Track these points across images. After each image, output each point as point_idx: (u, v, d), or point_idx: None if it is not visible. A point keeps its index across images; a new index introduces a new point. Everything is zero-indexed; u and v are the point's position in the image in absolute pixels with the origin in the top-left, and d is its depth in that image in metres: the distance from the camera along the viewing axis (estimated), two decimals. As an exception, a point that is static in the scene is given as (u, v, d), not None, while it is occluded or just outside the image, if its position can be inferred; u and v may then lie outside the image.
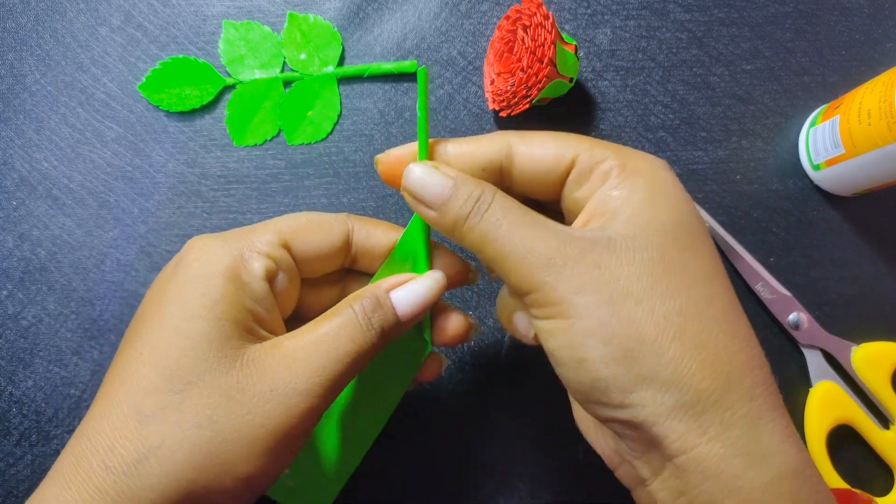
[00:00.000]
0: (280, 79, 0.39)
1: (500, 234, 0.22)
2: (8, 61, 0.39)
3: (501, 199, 0.23)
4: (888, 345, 0.36)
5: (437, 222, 0.24)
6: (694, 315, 0.21)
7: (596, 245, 0.22)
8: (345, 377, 0.24)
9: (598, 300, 0.21)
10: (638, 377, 0.20)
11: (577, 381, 0.22)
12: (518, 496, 0.35)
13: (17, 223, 0.37)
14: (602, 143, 0.24)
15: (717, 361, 0.20)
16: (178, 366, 0.22)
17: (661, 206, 0.22)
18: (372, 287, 0.26)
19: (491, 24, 0.40)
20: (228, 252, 0.25)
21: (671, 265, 0.21)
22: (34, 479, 0.34)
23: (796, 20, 0.40)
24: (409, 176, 0.24)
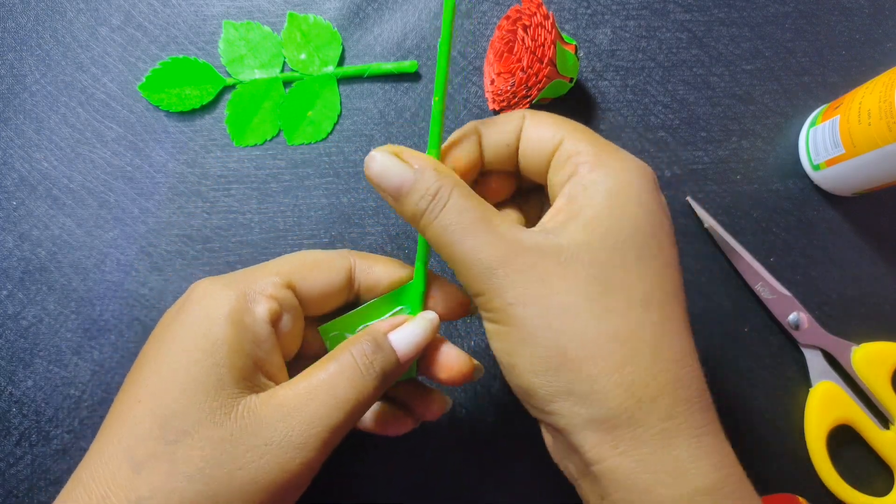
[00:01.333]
0: (280, 79, 0.39)
1: (451, 239, 0.23)
2: (8, 61, 0.39)
3: (457, 199, 0.23)
4: (888, 345, 0.36)
5: (399, 212, 0.25)
6: (622, 337, 0.21)
7: (544, 256, 0.22)
8: (344, 426, 0.24)
9: (532, 313, 0.22)
10: (558, 389, 0.21)
11: (511, 383, 0.23)
12: (517, 496, 0.35)
13: (17, 223, 0.37)
14: (588, 134, 0.25)
15: (635, 383, 0.21)
16: (173, 414, 0.22)
17: (619, 216, 0.23)
18: (369, 331, 0.26)
19: (491, 24, 0.40)
20: (232, 295, 0.24)
21: (611, 285, 0.22)
22: (34, 479, 0.34)
23: (796, 20, 0.40)
24: (370, 164, 0.24)
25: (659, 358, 0.21)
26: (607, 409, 0.21)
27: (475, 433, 0.35)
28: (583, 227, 0.22)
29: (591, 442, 0.21)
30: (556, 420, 0.22)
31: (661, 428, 0.21)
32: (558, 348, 0.21)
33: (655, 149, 0.39)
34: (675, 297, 0.23)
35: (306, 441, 0.22)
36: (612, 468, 0.21)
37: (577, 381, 0.21)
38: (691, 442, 0.21)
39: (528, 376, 0.22)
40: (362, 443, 0.35)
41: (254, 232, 0.37)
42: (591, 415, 0.21)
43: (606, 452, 0.21)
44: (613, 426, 0.21)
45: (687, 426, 0.21)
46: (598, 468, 0.21)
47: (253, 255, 0.37)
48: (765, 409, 0.36)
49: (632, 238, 0.22)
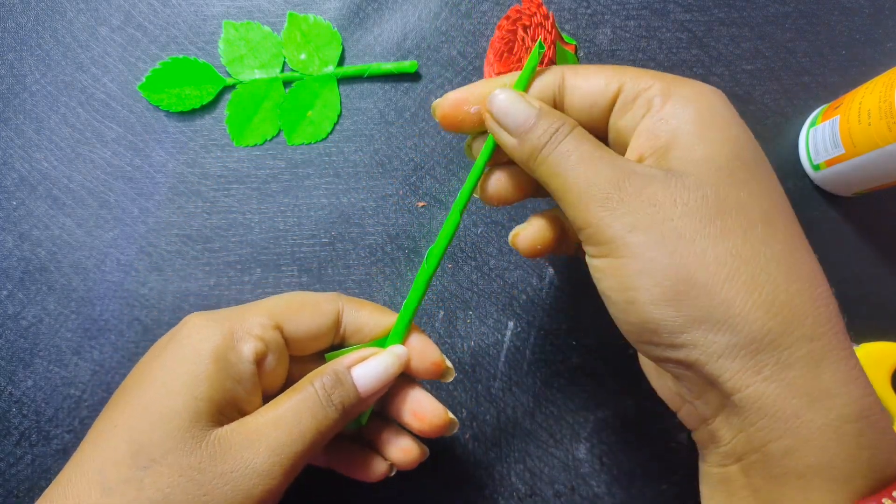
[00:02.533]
0: (280, 79, 0.39)
1: (567, 166, 0.23)
2: (8, 61, 0.39)
3: (577, 133, 0.23)
4: (888, 345, 0.36)
5: (515, 149, 0.24)
6: (749, 256, 0.20)
7: (653, 181, 0.21)
8: (305, 455, 0.24)
9: (650, 240, 0.21)
10: (689, 318, 0.20)
11: (628, 321, 0.22)
12: (517, 496, 0.35)
13: (17, 223, 0.37)
14: (648, 71, 0.24)
15: (774, 302, 0.20)
16: (147, 442, 0.23)
17: (713, 139, 0.22)
18: (333, 364, 0.26)
19: (491, 24, 0.40)
20: (220, 332, 0.25)
21: (726, 204, 0.21)
22: (34, 479, 0.34)
23: (796, 20, 0.40)
24: (494, 101, 0.25)
25: (794, 275, 0.21)
26: (748, 333, 0.20)
27: (475, 431, 0.35)
28: (680, 157, 0.22)
29: (731, 369, 0.20)
30: (688, 353, 0.21)
31: (808, 349, 0.20)
32: (683, 274, 0.20)
33: (655, 149, 0.39)
34: (792, 214, 0.22)
35: (270, 469, 0.23)
36: (756, 395, 0.20)
37: (710, 306, 0.20)
38: (839, 365, 0.20)
39: (651, 309, 0.21)
40: (362, 443, 0.35)
41: (254, 232, 0.37)
42: (730, 341, 0.20)
43: (749, 379, 0.20)
44: (756, 350, 0.20)
45: (832, 346, 0.20)
46: (740, 397, 0.20)
47: (253, 255, 0.37)
48: (765, 409, 0.36)
49: (736, 158, 0.22)
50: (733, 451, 0.21)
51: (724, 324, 0.20)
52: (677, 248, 0.21)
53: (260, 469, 0.23)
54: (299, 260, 0.37)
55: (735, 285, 0.20)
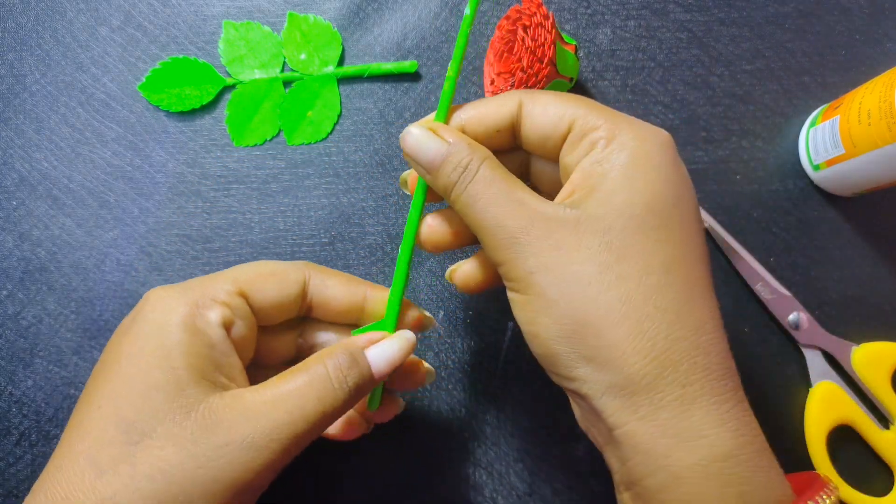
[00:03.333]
0: (280, 79, 0.39)
1: (477, 208, 0.24)
2: (8, 61, 0.39)
3: (486, 171, 0.24)
4: (888, 345, 0.36)
5: (432, 185, 0.26)
6: (638, 304, 0.22)
7: (562, 226, 0.23)
8: (308, 435, 0.24)
9: (552, 281, 0.22)
10: (581, 356, 0.22)
11: (534, 350, 0.24)
12: (517, 495, 0.35)
13: (17, 223, 0.37)
14: (601, 109, 0.25)
15: (653, 349, 0.21)
16: (134, 417, 0.22)
17: (635, 187, 0.23)
18: (345, 344, 0.26)
19: (491, 24, 0.40)
20: (184, 302, 0.25)
21: (628, 252, 0.22)
22: (34, 479, 0.34)
23: (796, 20, 0.40)
24: (407, 138, 0.25)
25: (679, 324, 0.22)
26: (627, 375, 0.21)
27: (474, 430, 0.35)
28: (599, 201, 0.23)
29: (612, 407, 0.22)
30: (579, 386, 0.22)
31: (679, 394, 0.21)
32: (577, 316, 0.22)
33: (655, 149, 0.39)
34: (699, 264, 0.23)
35: (269, 444, 0.23)
36: (631, 433, 0.21)
37: (597, 347, 0.22)
38: (710, 409, 0.21)
39: (550, 344, 0.23)
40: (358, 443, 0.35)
41: (254, 232, 0.37)
42: (612, 381, 0.21)
43: (627, 417, 0.21)
44: (633, 392, 0.21)
45: (705, 392, 0.21)
46: (619, 433, 0.22)
47: (253, 254, 0.37)
48: (765, 409, 0.36)
49: (650, 208, 0.23)
50: (622, 481, 0.23)
51: (609, 364, 0.22)
52: (575, 291, 0.22)
53: (259, 444, 0.22)
54: (299, 260, 0.37)
55: (621, 330, 0.21)
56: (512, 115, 0.26)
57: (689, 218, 0.23)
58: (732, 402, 0.22)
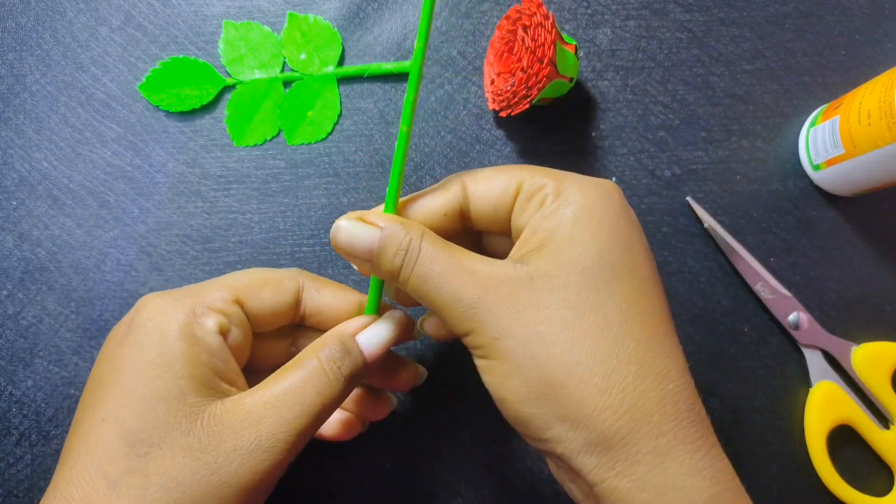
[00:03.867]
0: (280, 79, 0.39)
1: (429, 288, 0.23)
2: (8, 61, 0.39)
3: (428, 248, 0.24)
4: (888, 345, 0.36)
5: (377, 273, 0.25)
6: (603, 357, 0.21)
7: (517, 286, 0.22)
8: (311, 429, 0.24)
9: (515, 345, 0.22)
10: (552, 416, 0.22)
11: (506, 415, 0.24)
12: (517, 495, 0.35)
13: (17, 223, 0.37)
14: (544, 170, 0.25)
15: (623, 403, 0.21)
16: (140, 429, 0.23)
17: (583, 240, 0.23)
18: (334, 333, 0.26)
19: (491, 24, 0.40)
20: (181, 310, 0.25)
21: (585, 306, 0.22)
22: (34, 479, 0.34)
23: (796, 20, 0.40)
24: (337, 234, 0.25)
25: (644, 374, 0.22)
26: (600, 432, 0.21)
27: (474, 430, 0.35)
28: (549, 256, 0.23)
29: (589, 464, 0.21)
30: (553, 447, 0.22)
31: (653, 445, 0.21)
32: (543, 377, 0.22)
33: (655, 149, 0.39)
34: (658, 311, 0.23)
35: (275, 444, 0.23)
36: (611, 489, 0.21)
37: (567, 406, 0.21)
38: (685, 458, 0.21)
39: (519, 407, 0.22)
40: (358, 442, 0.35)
41: (254, 232, 0.37)
42: (586, 438, 0.21)
43: (605, 473, 0.21)
44: (608, 448, 0.21)
45: (678, 442, 0.21)
46: (599, 489, 0.21)
47: (253, 254, 0.37)
48: (765, 409, 0.36)
49: (601, 259, 0.23)
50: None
51: (581, 422, 0.21)
52: (539, 352, 0.22)
53: (265, 446, 0.23)
54: (299, 260, 0.37)
55: (589, 386, 0.21)
56: (457, 197, 0.26)
57: (641, 265, 0.23)
58: (705, 448, 0.22)
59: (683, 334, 0.37)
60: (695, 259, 0.37)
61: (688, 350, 0.36)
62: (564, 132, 0.39)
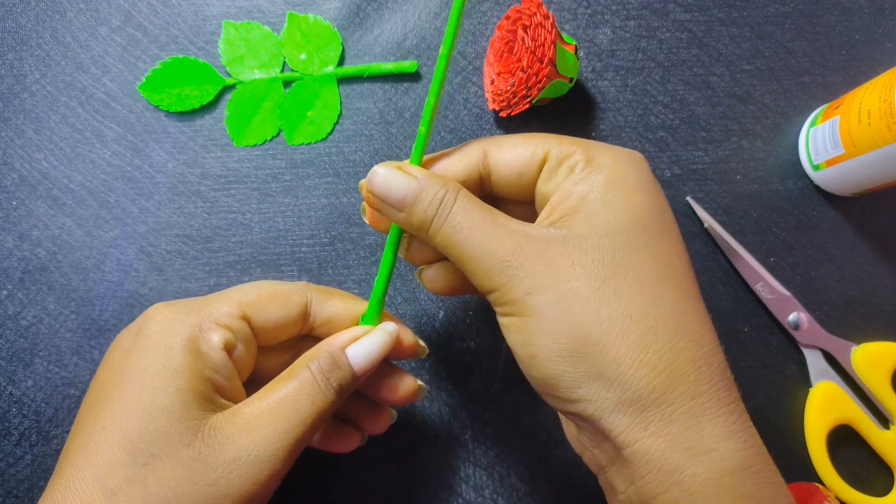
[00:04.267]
0: (280, 79, 0.39)
1: (461, 238, 0.23)
2: (8, 61, 0.39)
3: (463, 201, 0.24)
4: (888, 345, 0.36)
5: (405, 224, 0.25)
6: (639, 316, 0.21)
7: (551, 244, 0.22)
8: (306, 437, 0.24)
9: (548, 300, 0.22)
10: (584, 374, 0.21)
11: (531, 375, 0.23)
12: (517, 496, 0.35)
13: (17, 223, 0.37)
14: (571, 139, 0.25)
15: (660, 361, 0.21)
16: (140, 439, 0.23)
17: (617, 204, 0.23)
18: (325, 345, 0.26)
19: (491, 24, 0.40)
20: (188, 324, 0.25)
21: (620, 266, 0.22)
22: (34, 479, 0.34)
23: (796, 20, 0.40)
24: (374, 178, 0.25)
25: (681, 335, 0.21)
26: (635, 390, 0.21)
27: (475, 431, 0.35)
28: (583, 220, 0.23)
29: (621, 425, 0.21)
30: (584, 407, 0.22)
31: (689, 406, 0.21)
32: (579, 333, 0.21)
33: (655, 149, 0.39)
34: (687, 276, 0.23)
35: (273, 454, 0.23)
36: (643, 450, 0.21)
37: (602, 363, 0.21)
38: (718, 420, 0.21)
39: (550, 365, 0.22)
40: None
41: (254, 232, 0.37)
42: (620, 397, 0.21)
43: (637, 434, 0.21)
44: (643, 407, 0.21)
45: (713, 404, 0.21)
46: (629, 451, 0.21)
47: (253, 255, 0.37)
48: (765, 409, 0.36)
49: (634, 223, 0.23)
50: (628, 501, 0.22)
51: (615, 381, 0.21)
52: (574, 308, 0.22)
53: (263, 456, 0.23)
54: (299, 260, 0.37)
55: (625, 344, 0.21)
56: (477, 163, 0.26)
57: (671, 232, 0.24)
58: (737, 413, 0.22)
59: (683, 334, 0.37)
60: (695, 259, 0.37)
61: (688, 350, 0.36)
62: (564, 132, 0.38)
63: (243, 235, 0.37)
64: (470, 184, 0.26)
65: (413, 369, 0.36)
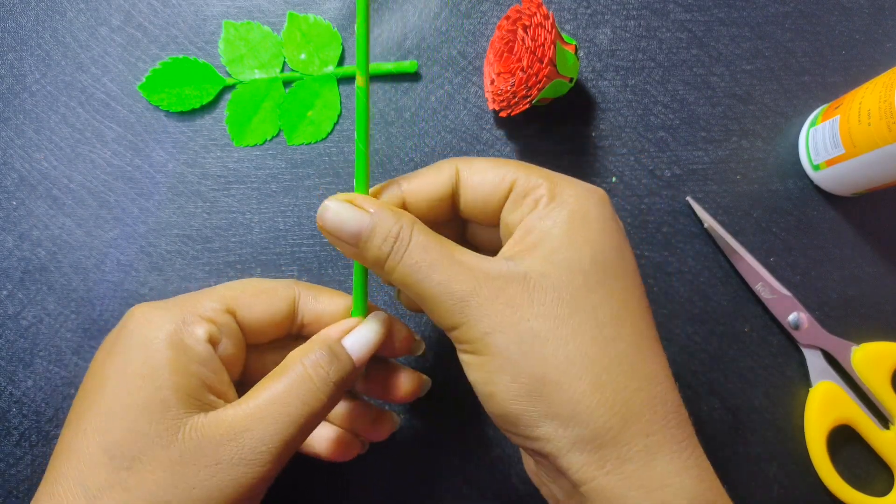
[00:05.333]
0: (280, 79, 0.39)
1: (419, 278, 0.23)
2: (8, 61, 0.39)
3: (419, 237, 0.23)
4: (888, 345, 0.36)
5: (360, 259, 0.25)
6: (595, 356, 0.21)
7: (510, 283, 0.22)
8: (297, 440, 0.23)
9: (507, 340, 0.22)
10: (542, 413, 0.22)
11: (491, 412, 0.23)
12: (517, 496, 0.35)
13: (17, 223, 0.37)
14: (540, 170, 0.25)
15: (615, 401, 0.21)
16: (121, 441, 0.22)
17: (578, 242, 0.23)
18: (320, 339, 0.25)
19: (491, 24, 0.40)
20: (170, 319, 0.24)
21: (579, 306, 0.22)
22: (34, 479, 0.34)
23: (796, 20, 0.40)
24: (325, 214, 0.24)
25: (636, 374, 0.22)
26: (592, 429, 0.21)
27: (475, 431, 0.35)
28: (544, 257, 0.23)
29: (578, 463, 0.21)
30: (542, 445, 0.22)
31: (644, 444, 0.21)
32: (537, 373, 0.21)
33: (655, 149, 0.39)
34: (645, 315, 0.23)
35: (258, 457, 0.22)
36: (599, 487, 0.21)
37: (559, 403, 0.21)
38: (673, 457, 0.21)
39: (508, 404, 0.22)
40: (362, 443, 0.35)
41: (254, 232, 0.37)
42: (577, 436, 0.21)
43: (594, 472, 0.21)
44: (599, 445, 0.21)
45: (666, 441, 0.21)
46: (586, 488, 0.21)
47: (253, 254, 0.37)
48: (765, 409, 0.36)
49: (593, 262, 0.23)
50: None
51: (572, 420, 0.21)
52: (532, 348, 0.22)
53: (248, 459, 0.22)
54: (299, 260, 0.37)
55: (582, 384, 0.21)
56: (451, 181, 0.26)
57: (629, 270, 0.24)
58: (690, 448, 0.22)
59: (683, 334, 0.37)
60: (695, 259, 0.37)
61: (688, 350, 0.36)
62: (564, 132, 0.39)
63: (243, 235, 0.37)
64: (443, 203, 0.26)
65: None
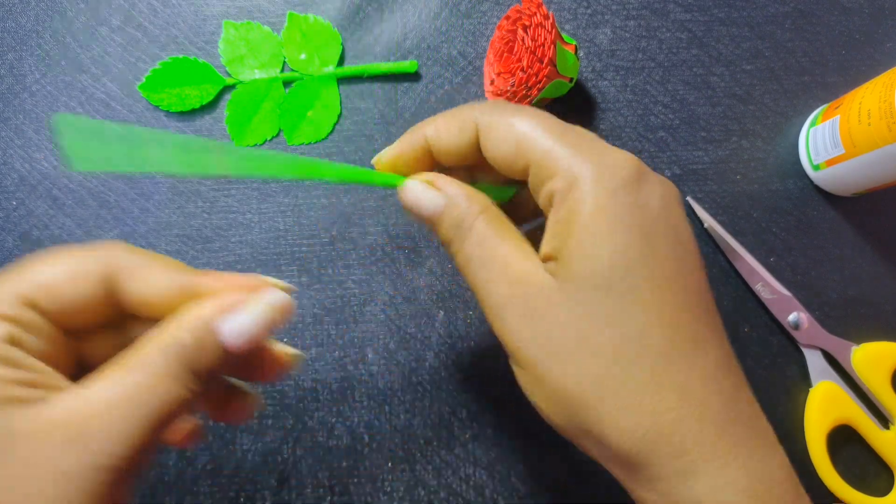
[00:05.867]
0: (280, 79, 0.39)
1: (469, 270, 0.23)
2: (8, 61, 0.39)
3: (481, 229, 0.23)
4: (888, 345, 0.36)
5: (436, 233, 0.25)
6: (618, 376, 0.21)
7: (539, 293, 0.22)
8: (152, 440, 0.19)
9: (538, 356, 0.22)
10: (578, 428, 0.22)
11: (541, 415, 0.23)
12: (518, 496, 0.35)
13: (17, 223, 0.37)
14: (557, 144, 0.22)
15: (639, 427, 0.21)
16: None
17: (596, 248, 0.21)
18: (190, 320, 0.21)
19: (491, 24, 0.40)
20: None
21: (600, 321, 0.21)
22: (34, 479, 0.34)
23: (796, 20, 0.40)
24: (405, 192, 0.25)
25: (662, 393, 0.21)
26: (619, 451, 0.21)
27: (475, 435, 0.35)
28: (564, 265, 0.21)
29: (618, 475, 0.22)
30: (589, 452, 0.23)
31: (675, 466, 0.21)
32: (564, 391, 0.21)
33: (655, 149, 0.39)
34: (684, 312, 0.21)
35: (90, 472, 0.18)
36: (640, 499, 0.22)
37: (588, 422, 0.21)
38: (709, 475, 0.20)
39: (549, 416, 0.23)
40: (358, 443, 0.35)
41: (254, 232, 0.37)
42: (608, 455, 0.22)
43: (631, 485, 0.22)
44: (629, 466, 0.21)
45: (703, 459, 0.20)
46: (633, 496, 0.22)
47: (253, 254, 0.37)
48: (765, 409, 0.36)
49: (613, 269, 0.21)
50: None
51: (602, 440, 0.21)
52: (555, 369, 0.21)
53: (70, 471, 0.18)
54: (299, 260, 0.37)
55: (604, 407, 0.21)
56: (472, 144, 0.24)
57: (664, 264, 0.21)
58: (741, 458, 0.21)
59: (683, 334, 0.37)
60: (695, 259, 0.37)
61: (688, 350, 0.36)
62: (564, 132, 0.39)
63: (243, 235, 0.37)
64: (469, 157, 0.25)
65: (412, 369, 0.36)
